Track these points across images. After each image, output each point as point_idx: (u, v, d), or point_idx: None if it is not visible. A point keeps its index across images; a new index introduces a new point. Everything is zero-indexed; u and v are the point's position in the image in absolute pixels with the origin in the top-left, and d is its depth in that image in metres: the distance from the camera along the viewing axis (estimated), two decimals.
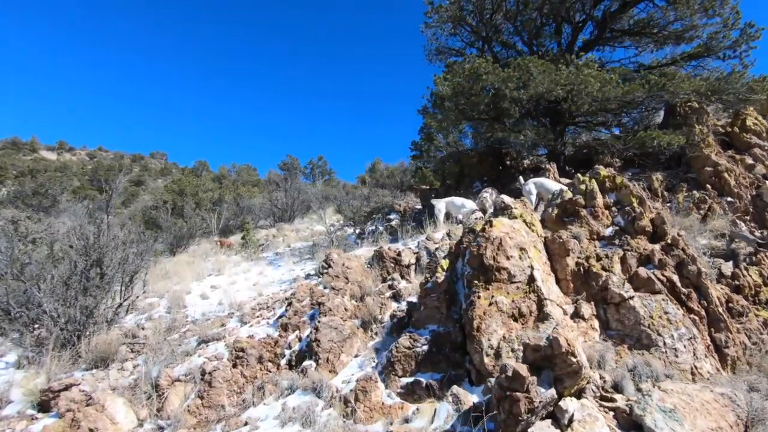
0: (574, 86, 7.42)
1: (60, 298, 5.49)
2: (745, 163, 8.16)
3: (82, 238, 5.82)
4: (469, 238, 4.35)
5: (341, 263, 5.83)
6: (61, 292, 5.58)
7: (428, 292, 4.35)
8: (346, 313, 5.14)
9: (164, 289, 8.71)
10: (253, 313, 6.06)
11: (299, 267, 9.38)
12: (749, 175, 7.95)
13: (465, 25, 9.95)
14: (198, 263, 12.54)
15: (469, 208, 7.35)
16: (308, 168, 40.67)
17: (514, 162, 11.15)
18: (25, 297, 5.81)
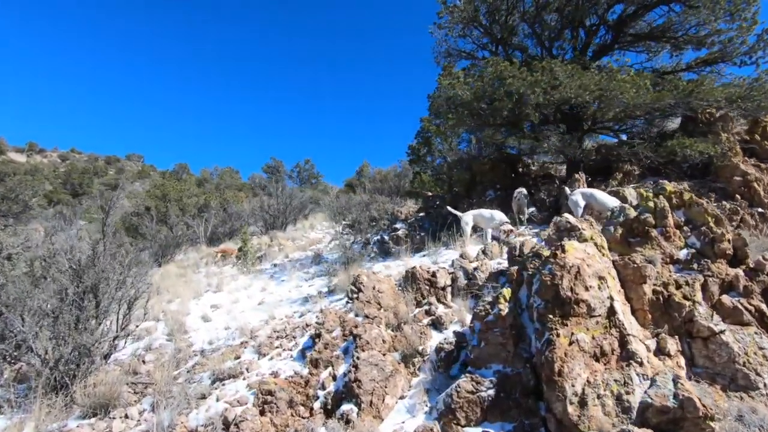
0: (605, 92, 7.04)
1: (49, 333, 4.75)
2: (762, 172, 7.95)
3: (74, 262, 5.08)
4: (535, 263, 3.85)
5: (371, 286, 5.25)
6: (49, 324, 4.83)
7: (489, 326, 3.82)
8: (385, 346, 4.57)
9: (159, 309, 7.95)
10: (271, 342, 5.41)
11: (307, 283, 8.73)
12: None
13: (479, 27, 9.52)
14: (190, 276, 11.73)
15: (499, 220, 6.85)
16: (295, 171, 39.80)
17: (526, 169, 10.77)
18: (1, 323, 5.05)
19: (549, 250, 3.83)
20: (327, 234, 16.48)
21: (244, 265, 10.98)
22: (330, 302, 6.42)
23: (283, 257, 12.64)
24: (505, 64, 7.36)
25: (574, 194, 6.22)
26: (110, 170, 54.55)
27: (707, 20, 8.17)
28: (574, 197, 6.15)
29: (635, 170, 9.16)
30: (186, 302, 8.41)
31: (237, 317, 7.22)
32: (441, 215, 11.64)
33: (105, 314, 5.10)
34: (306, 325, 5.58)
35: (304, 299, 7.39)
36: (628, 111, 7.66)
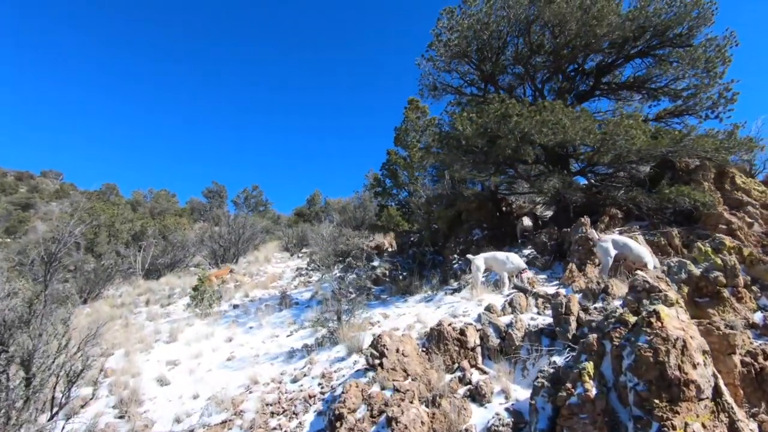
0: (608, 136, 6.96)
1: None
2: (745, 221, 8.28)
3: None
4: (620, 332, 3.27)
5: (395, 348, 4.39)
6: None
7: (574, 411, 3.13)
8: (423, 429, 3.71)
9: (96, 366, 6.38)
10: (265, 422, 4.30)
11: (284, 332, 7.57)
12: (752, 232, 8.05)
13: (469, 62, 9.34)
14: (128, 318, 9.96)
15: (516, 265, 6.29)
16: (241, 198, 37.70)
17: (509, 208, 10.57)
18: None
19: (636, 316, 3.28)
20: (287, 268, 15.19)
21: (200, 306, 9.48)
22: (328, 362, 5.41)
23: (242, 296, 11.23)
24: (512, 101, 7.09)
25: (604, 241, 5.83)
26: (21, 187, 48.31)
27: (685, 74, 8.58)
28: (604, 244, 5.75)
29: (618, 214, 9.23)
30: (133, 357, 6.88)
31: (204, 379, 5.93)
32: (420, 253, 11.05)
33: (38, 392, 3.74)
34: (309, 397, 4.54)
35: (288, 355, 6.27)
36: (623, 156, 7.67)
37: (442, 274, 8.82)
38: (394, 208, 17.06)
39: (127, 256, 17.55)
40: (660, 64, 9.21)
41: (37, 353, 3.72)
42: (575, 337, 4.29)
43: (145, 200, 42.11)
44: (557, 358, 4.20)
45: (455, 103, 10.58)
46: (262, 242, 21.20)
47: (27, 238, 24.61)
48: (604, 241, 5.80)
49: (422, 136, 17.71)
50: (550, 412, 3.51)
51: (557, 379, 3.65)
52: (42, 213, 39.61)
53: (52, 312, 3.95)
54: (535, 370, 4.40)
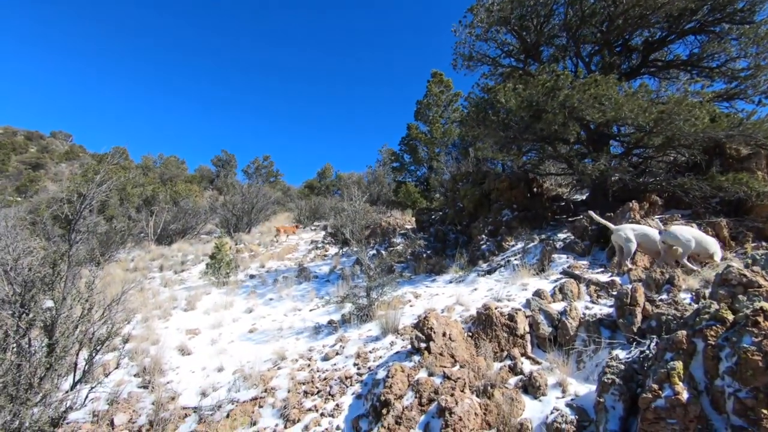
0: (666, 116, 6.42)
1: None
2: None
3: (18, 282, 3.40)
4: (716, 330, 2.89)
5: (441, 332, 4.05)
6: None
7: (660, 415, 2.79)
8: (477, 421, 3.40)
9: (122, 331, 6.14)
10: (299, 402, 4.02)
11: (306, 306, 7.29)
12: None
13: (511, 30, 8.69)
14: (143, 283, 9.75)
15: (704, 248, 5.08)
16: (251, 167, 37.32)
17: (540, 190, 10.09)
18: None
19: (736, 315, 2.89)
20: (301, 240, 14.92)
21: (216, 275, 9.23)
22: (361, 341, 5.11)
23: (258, 266, 10.98)
24: (564, 73, 6.54)
25: (622, 230, 5.29)
26: (31, 147, 48.13)
27: (747, 53, 7.92)
28: (623, 233, 5.21)
29: (659, 201, 8.74)
30: (151, 324, 6.65)
31: (227, 351, 5.69)
32: (443, 231, 10.67)
33: (60, 363, 3.46)
34: (345, 377, 4.25)
35: (314, 330, 5.99)
36: (675, 138, 7.13)
37: (469, 255, 8.46)
38: (412, 184, 16.61)
39: (138, 220, 17.35)
40: (718, 41, 8.52)
41: (60, 318, 3.42)
42: (641, 331, 3.92)
43: (154, 165, 41.82)
44: (620, 352, 3.85)
45: (490, 74, 9.98)
46: (274, 213, 20.94)
47: (38, 197, 24.48)
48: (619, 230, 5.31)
49: (445, 111, 17.11)
50: (621, 412, 3.17)
51: (629, 376, 3.31)
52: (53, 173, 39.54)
53: (75, 274, 3.63)
54: (592, 364, 4.07)
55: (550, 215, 9.28)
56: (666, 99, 6.66)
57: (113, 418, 3.99)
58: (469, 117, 8.31)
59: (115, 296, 3.90)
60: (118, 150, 46.00)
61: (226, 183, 32.89)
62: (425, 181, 16.94)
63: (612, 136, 8.46)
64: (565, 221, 8.83)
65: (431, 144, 16.50)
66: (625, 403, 3.18)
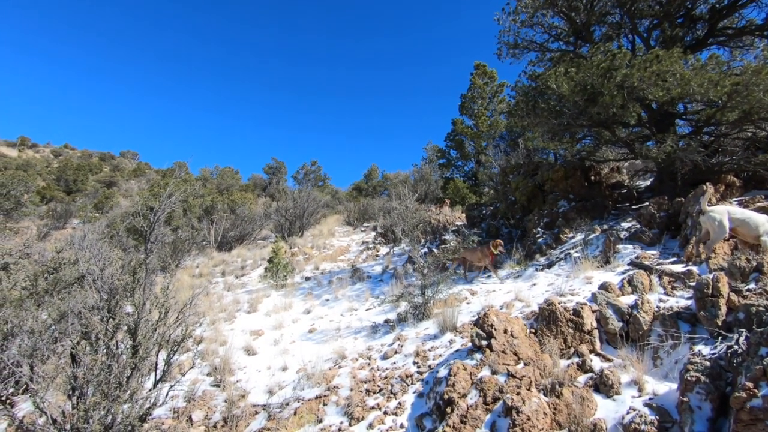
0: (741, 87, 5.84)
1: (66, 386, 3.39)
2: None
3: (104, 289, 3.72)
4: None
5: (503, 329, 3.94)
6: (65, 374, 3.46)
7: (757, 416, 2.54)
8: (546, 421, 3.27)
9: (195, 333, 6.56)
10: (362, 400, 4.07)
11: (362, 306, 7.39)
12: None
13: (558, 12, 8.30)
14: (208, 288, 10.33)
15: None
16: (300, 173, 38.47)
17: (598, 178, 9.55)
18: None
19: None
20: (351, 242, 15.15)
21: (274, 278, 9.60)
22: (419, 339, 5.09)
23: (312, 269, 11.29)
24: (621, 51, 6.14)
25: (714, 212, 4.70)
26: (105, 167, 52.67)
27: None
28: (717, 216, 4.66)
29: (737, 182, 7.96)
30: (218, 326, 7.04)
31: (289, 351, 5.88)
32: (495, 226, 10.40)
33: (143, 363, 3.74)
34: (406, 376, 4.25)
35: (371, 329, 6.06)
36: (753, 112, 6.46)
37: (524, 249, 8.18)
38: (460, 180, 16.35)
39: (200, 229, 18.44)
40: None
41: (141, 321, 3.70)
42: (727, 324, 3.59)
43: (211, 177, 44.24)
44: (703, 348, 3.55)
45: (537, 61, 9.59)
46: (324, 216, 21.43)
47: (113, 212, 26.68)
48: (712, 211, 4.73)
49: (490, 102, 16.67)
50: (709, 412, 2.93)
51: (717, 373, 3.03)
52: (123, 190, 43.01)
53: (152, 281, 3.92)
54: (670, 360, 3.78)
55: (611, 204, 8.76)
56: (740, 69, 6.06)
57: (191, 414, 4.26)
58: (517, 107, 8.02)
59: (187, 301, 4.16)
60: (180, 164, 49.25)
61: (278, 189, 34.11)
62: (473, 176, 16.61)
63: (678, 115, 7.83)
64: (628, 209, 8.29)
65: (478, 138, 16.14)
66: (713, 402, 2.93)
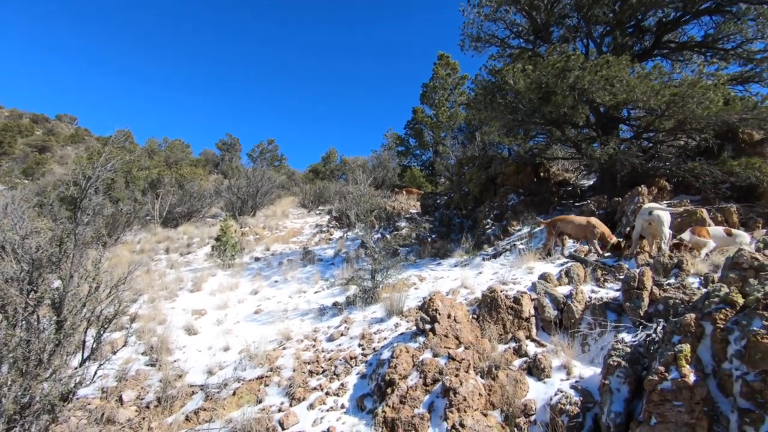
0: (678, 98, 6.28)
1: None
2: None
3: (26, 259, 3.41)
4: (726, 313, 2.86)
5: (446, 314, 4.05)
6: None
7: (666, 397, 2.79)
8: (482, 401, 3.42)
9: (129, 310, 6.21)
10: (304, 381, 4.06)
11: (311, 288, 7.33)
12: None
13: (521, 10, 8.49)
14: (150, 265, 9.83)
15: None
16: (256, 151, 37.24)
17: (547, 175, 9.98)
18: None
19: (746, 299, 2.86)
20: (305, 224, 14.94)
21: (222, 257, 9.28)
22: (366, 322, 5.13)
23: (263, 249, 11.03)
24: (575, 53, 6.39)
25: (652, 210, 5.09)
26: (37, 130, 48.18)
27: (764, 34, 7.69)
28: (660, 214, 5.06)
29: (667, 186, 8.62)
30: (158, 304, 6.72)
31: (233, 331, 5.74)
32: (448, 216, 10.63)
33: (68, 340, 3.50)
34: (350, 358, 4.28)
35: (319, 311, 6.03)
36: (687, 121, 6.99)
37: (475, 239, 8.44)
38: (417, 168, 16.51)
39: (144, 203, 17.43)
40: (734, 21, 8.27)
41: (68, 296, 3.44)
42: (648, 315, 3.90)
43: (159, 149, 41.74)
44: (626, 336, 3.84)
45: (498, 56, 9.79)
46: (278, 197, 20.93)
47: (45, 180, 24.60)
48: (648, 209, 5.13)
49: (451, 94, 16.87)
50: (626, 394, 3.17)
51: (635, 359, 3.29)
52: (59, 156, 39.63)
53: (82, 253, 3.64)
54: (597, 347, 4.06)
55: (556, 200, 9.21)
56: (679, 81, 6.50)
57: (122, 394, 4.06)
58: (476, 100, 8.18)
59: (122, 276, 3.91)
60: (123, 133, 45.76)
61: (231, 167, 32.83)
62: (431, 165, 16.83)
63: (622, 120, 8.31)
64: (572, 206, 8.76)
65: (437, 128, 16.33)
66: (631, 385, 3.18)
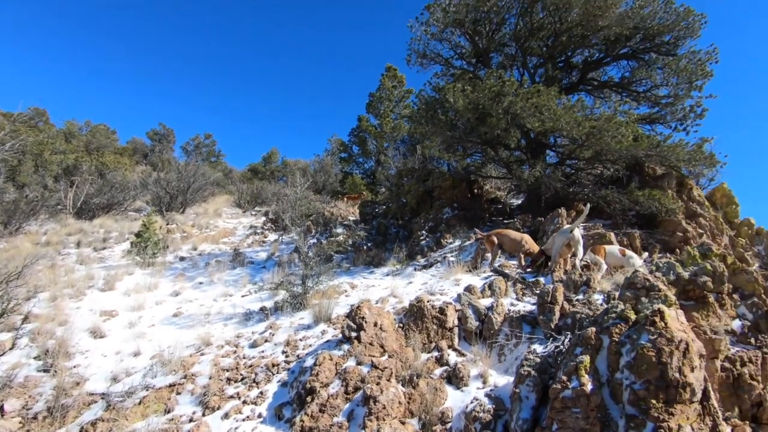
0: (596, 131, 6.92)
1: None
2: (697, 231, 8.75)
3: None
4: (620, 328, 3.16)
5: (373, 322, 4.07)
6: None
7: (567, 404, 3.01)
8: (401, 410, 3.47)
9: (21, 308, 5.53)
10: (221, 389, 3.86)
11: (238, 292, 7.04)
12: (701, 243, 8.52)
13: (464, 33, 8.91)
14: (56, 259, 8.88)
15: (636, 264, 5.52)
16: (191, 144, 35.34)
17: (480, 191, 10.48)
18: None
19: (638, 315, 3.18)
20: (239, 225, 14.36)
21: (142, 254, 8.62)
22: (292, 329, 5.01)
23: (190, 248, 10.42)
24: (510, 80, 6.82)
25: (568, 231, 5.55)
26: None
27: (668, 82, 8.73)
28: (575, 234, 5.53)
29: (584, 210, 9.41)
30: (60, 303, 6.08)
31: (147, 335, 5.34)
32: (384, 225, 10.76)
33: None
34: (272, 365, 4.14)
35: (244, 316, 5.79)
36: (603, 153, 7.71)
37: (408, 249, 8.61)
38: (359, 176, 16.58)
39: (56, 190, 15.78)
40: (646, 68, 9.32)
41: None
42: (558, 328, 4.21)
43: (80, 133, 38.08)
44: (538, 347, 4.10)
45: (442, 74, 10.17)
46: (212, 195, 19.93)
47: None
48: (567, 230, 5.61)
49: (396, 106, 17.21)
50: (534, 402, 3.38)
51: (544, 368, 3.53)
52: None
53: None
54: (512, 357, 4.30)
55: (487, 216, 9.69)
56: (598, 116, 7.17)
57: (3, 403, 3.59)
58: (419, 114, 8.43)
59: (13, 270, 3.49)
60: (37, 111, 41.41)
61: (162, 158, 30.79)
62: (372, 174, 16.99)
63: (549, 146, 8.98)
64: (501, 222, 9.25)
65: (381, 138, 16.55)
66: (538, 393, 3.39)
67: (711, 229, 8.98)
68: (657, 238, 8.33)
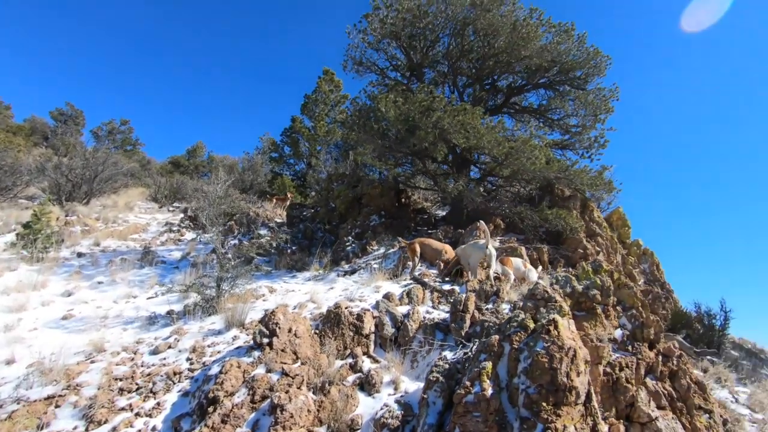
0: (514, 151, 7.44)
1: None
2: (595, 248, 9.74)
3: None
4: (520, 336, 3.39)
5: (287, 328, 3.96)
6: None
7: (469, 409, 3.14)
8: (309, 418, 3.40)
9: None
10: (110, 400, 3.50)
11: (144, 293, 6.48)
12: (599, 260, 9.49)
13: (399, 46, 9.14)
14: None
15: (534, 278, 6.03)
16: (103, 129, 32.14)
17: (407, 201, 10.74)
18: None
19: (536, 324, 3.44)
20: (154, 220, 13.28)
21: (30, 248, 7.61)
22: (201, 334, 4.70)
23: (91, 244, 9.42)
24: (439, 96, 7.10)
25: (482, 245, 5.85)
26: None
27: (578, 113, 9.68)
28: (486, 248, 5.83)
29: (501, 224, 10.07)
30: None
31: (26, 339, 4.72)
32: (311, 229, 10.61)
33: None
34: (174, 373, 3.85)
35: (148, 320, 5.33)
36: (519, 172, 8.31)
37: (333, 255, 8.55)
38: (289, 177, 16.18)
39: None
40: (560, 98, 10.25)
41: None
42: (468, 335, 4.41)
43: None
44: (448, 353, 4.26)
45: (377, 83, 10.33)
46: (124, 186, 18.20)
47: None
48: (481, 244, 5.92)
49: (332, 110, 17.11)
50: (440, 407, 3.50)
51: (452, 374, 3.68)
52: None
53: None
54: (424, 363, 4.42)
55: (413, 225, 9.95)
56: (516, 138, 7.73)
57: None
58: (352, 120, 8.47)
59: None
60: None
61: (65, 142, 27.55)
62: (303, 176, 16.68)
63: (473, 162, 9.47)
64: (425, 232, 9.55)
65: (313, 140, 16.32)
66: (445, 399, 3.52)
67: (607, 247, 10.04)
68: (562, 253, 9.13)
